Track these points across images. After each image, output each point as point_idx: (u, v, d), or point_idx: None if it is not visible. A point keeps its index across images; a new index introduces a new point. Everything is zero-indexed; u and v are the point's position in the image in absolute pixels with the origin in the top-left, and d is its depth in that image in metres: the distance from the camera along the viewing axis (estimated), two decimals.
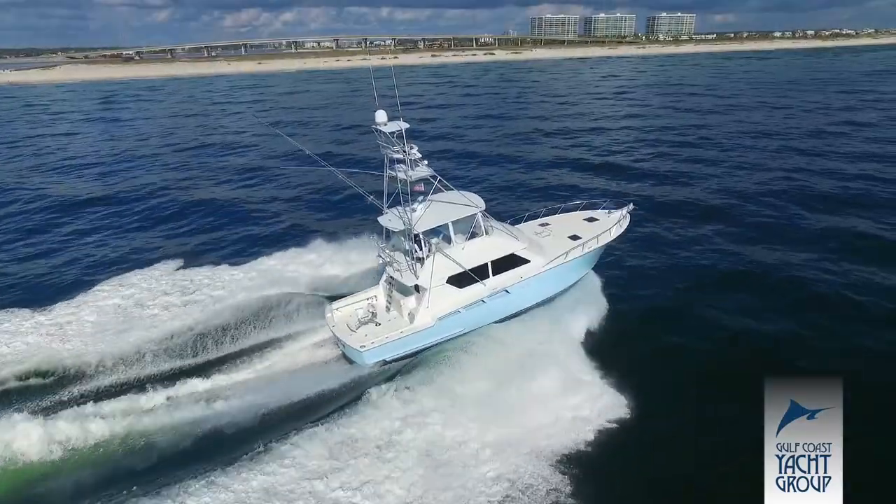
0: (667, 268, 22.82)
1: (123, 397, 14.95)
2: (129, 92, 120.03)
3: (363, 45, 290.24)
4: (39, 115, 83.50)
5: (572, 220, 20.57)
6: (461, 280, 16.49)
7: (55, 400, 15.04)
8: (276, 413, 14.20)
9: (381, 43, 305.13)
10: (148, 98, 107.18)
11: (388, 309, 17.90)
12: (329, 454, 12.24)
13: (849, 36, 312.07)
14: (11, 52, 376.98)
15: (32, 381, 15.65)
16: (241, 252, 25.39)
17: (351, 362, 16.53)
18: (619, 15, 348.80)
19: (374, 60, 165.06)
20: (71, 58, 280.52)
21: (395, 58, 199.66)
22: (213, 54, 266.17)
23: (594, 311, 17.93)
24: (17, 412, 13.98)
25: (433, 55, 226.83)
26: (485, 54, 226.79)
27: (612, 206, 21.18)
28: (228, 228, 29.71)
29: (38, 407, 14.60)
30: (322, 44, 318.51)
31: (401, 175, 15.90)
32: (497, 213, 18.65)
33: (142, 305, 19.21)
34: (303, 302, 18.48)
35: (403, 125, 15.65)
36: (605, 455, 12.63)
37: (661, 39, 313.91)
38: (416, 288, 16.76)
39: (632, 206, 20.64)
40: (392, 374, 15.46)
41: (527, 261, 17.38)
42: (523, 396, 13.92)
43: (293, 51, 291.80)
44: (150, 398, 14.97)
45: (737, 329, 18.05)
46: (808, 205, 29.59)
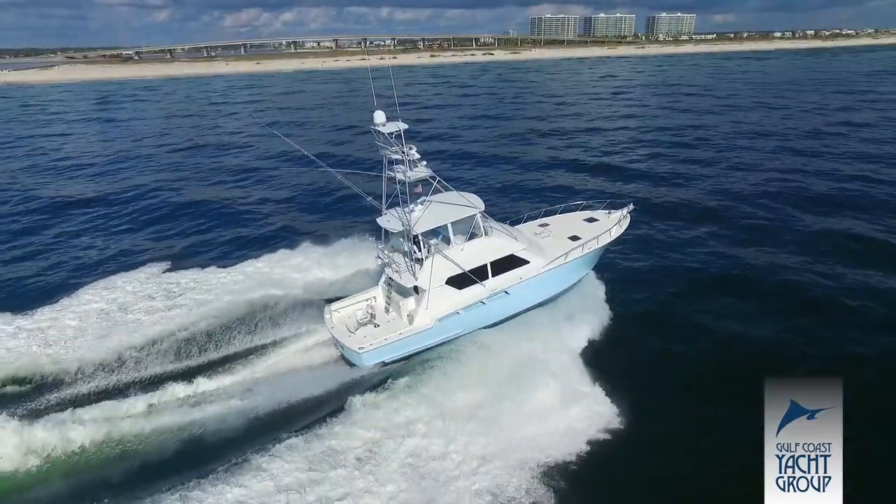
0: (663, 270, 22.54)
1: (103, 404, 14.64)
2: (125, 92, 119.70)
3: (363, 45, 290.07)
4: (36, 116, 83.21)
5: (572, 221, 20.36)
6: (460, 281, 16.29)
7: (32, 407, 14.77)
8: (258, 421, 13.98)
9: (381, 43, 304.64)
10: (145, 98, 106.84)
11: (387, 310, 17.73)
12: (308, 466, 11.92)
13: (849, 36, 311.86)
14: (11, 52, 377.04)
15: (9, 388, 15.45)
16: (229, 254, 25.14)
17: (350, 364, 16.29)
18: (618, 15, 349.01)
19: (373, 60, 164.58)
20: (70, 58, 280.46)
21: (394, 58, 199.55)
22: (212, 54, 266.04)
23: (590, 316, 17.56)
24: None
25: (432, 55, 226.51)
26: (483, 54, 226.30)
27: (612, 207, 20.91)
28: (218, 230, 29.38)
29: (15, 414, 14.24)
30: (322, 44, 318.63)
31: (399, 176, 15.66)
32: (493, 214, 18.40)
33: (125, 310, 18.87)
34: (289, 306, 18.19)
35: (402, 126, 15.43)
36: (604, 455, 12.51)
37: (661, 39, 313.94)
38: (416, 289, 16.58)
39: (632, 206, 20.40)
40: (377, 382, 15.12)
41: (526, 262, 17.16)
42: (513, 406, 13.60)
43: (293, 51, 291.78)
44: (131, 405, 14.72)
45: (735, 331, 17.87)
46: (804, 206, 29.36)
